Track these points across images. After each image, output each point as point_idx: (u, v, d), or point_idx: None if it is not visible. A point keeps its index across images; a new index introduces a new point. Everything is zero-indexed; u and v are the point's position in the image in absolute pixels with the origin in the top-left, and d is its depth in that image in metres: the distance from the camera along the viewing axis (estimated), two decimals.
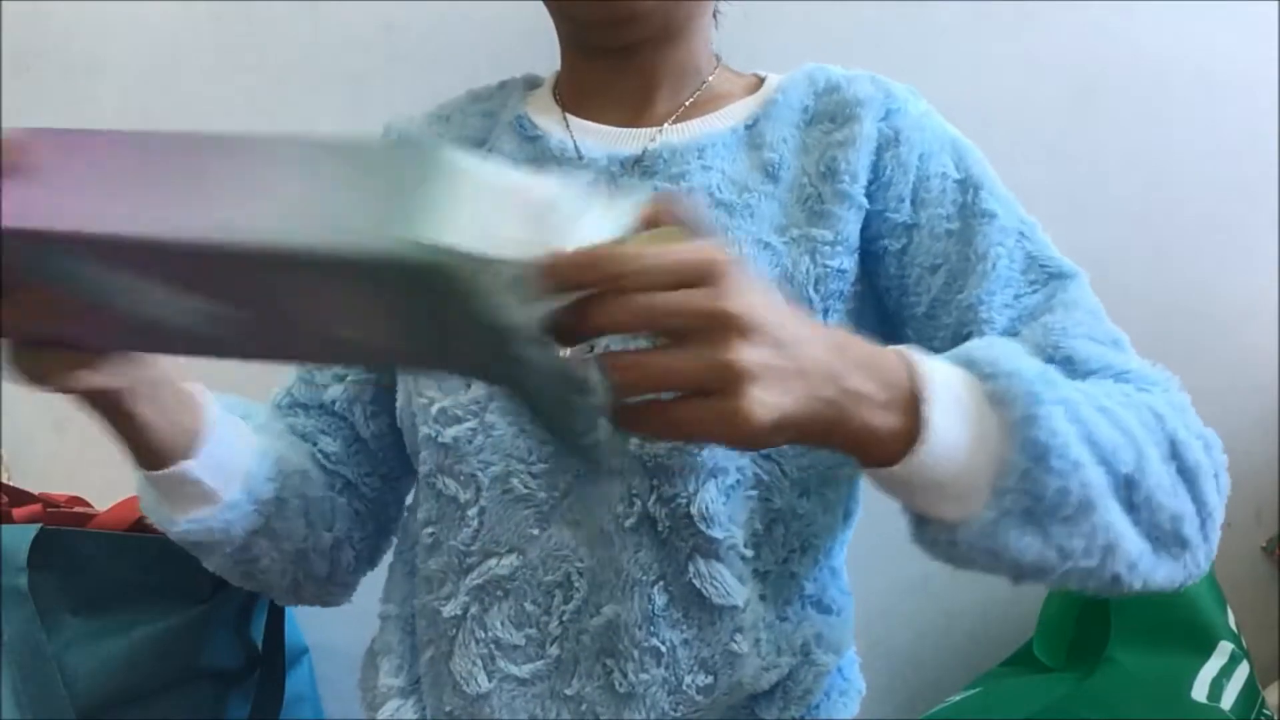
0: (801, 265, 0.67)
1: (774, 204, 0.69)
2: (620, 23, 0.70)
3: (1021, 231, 0.68)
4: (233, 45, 1.15)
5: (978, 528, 0.50)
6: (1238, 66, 1.10)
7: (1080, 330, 0.63)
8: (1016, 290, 0.66)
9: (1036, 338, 0.62)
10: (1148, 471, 0.53)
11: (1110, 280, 1.15)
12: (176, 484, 0.63)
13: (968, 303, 0.66)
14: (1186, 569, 0.56)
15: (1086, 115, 1.11)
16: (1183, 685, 0.88)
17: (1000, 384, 0.50)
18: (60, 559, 0.91)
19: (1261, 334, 1.12)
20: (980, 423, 0.50)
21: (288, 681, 1.02)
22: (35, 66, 1.15)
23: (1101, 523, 0.51)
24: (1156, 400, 0.57)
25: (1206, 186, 1.11)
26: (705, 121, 0.73)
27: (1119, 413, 0.53)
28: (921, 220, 0.69)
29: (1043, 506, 0.50)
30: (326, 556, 0.75)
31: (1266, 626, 1.10)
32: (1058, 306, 0.65)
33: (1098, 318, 0.66)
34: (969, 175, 0.70)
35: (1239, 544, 1.13)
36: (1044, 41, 1.11)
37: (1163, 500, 0.53)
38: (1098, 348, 0.62)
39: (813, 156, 0.70)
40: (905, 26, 1.10)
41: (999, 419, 0.50)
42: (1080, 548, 0.51)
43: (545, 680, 0.65)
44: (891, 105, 0.71)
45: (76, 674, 0.91)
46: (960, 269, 0.67)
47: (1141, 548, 0.53)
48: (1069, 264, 0.68)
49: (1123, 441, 0.52)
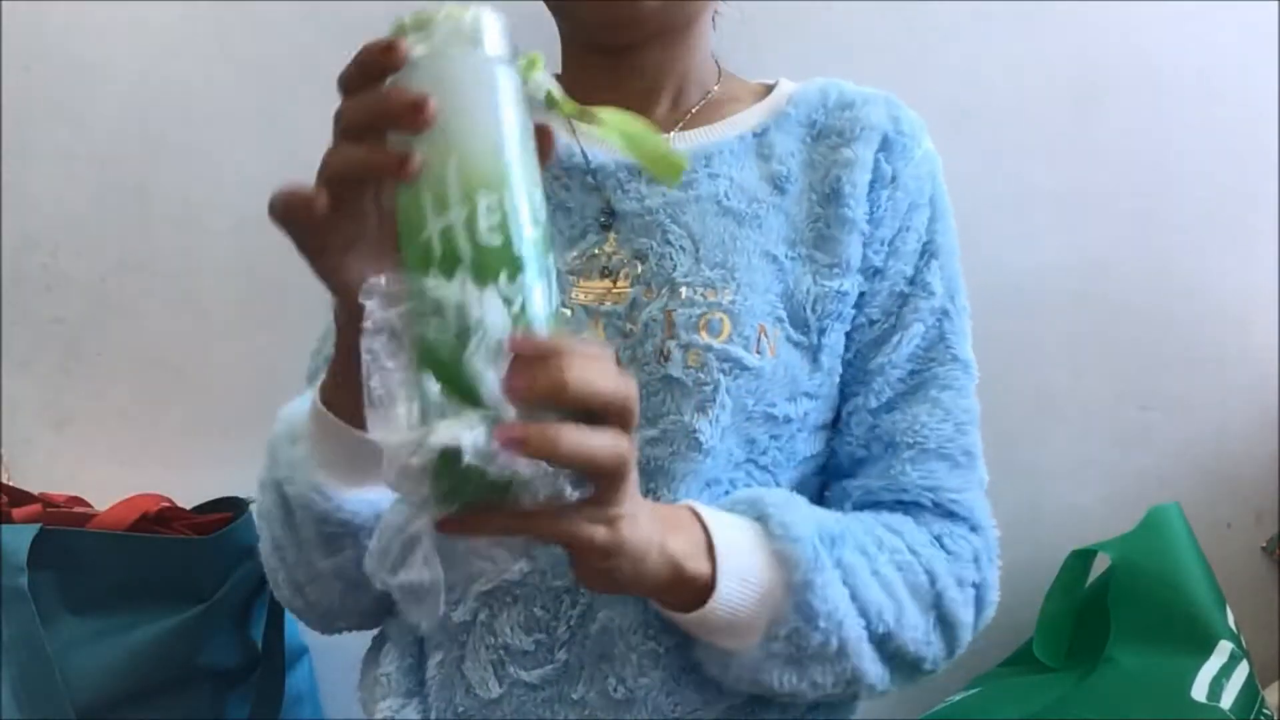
0: (803, 284, 0.68)
1: (781, 217, 0.69)
2: (622, 24, 0.70)
3: (946, 311, 0.70)
4: (233, 45, 1.15)
5: (747, 662, 0.60)
6: (1238, 67, 1.10)
7: (938, 438, 0.68)
8: (914, 365, 0.70)
9: (899, 430, 0.68)
10: (905, 626, 0.62)
11: (1110, 280, 1.16)
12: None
13: (870, 368, 0.70)
14: (920, 676, 0.67)
15: (1086, 115, 1.11)
16: (1183, 685, 0.88)
17: (786, 546, 0.58)
18: (60, 559, 0.91)
19: (1261, 334, 1.12)
20: (762, 575, 0.58)
21: (288, 681, 1.03)
22: (35, 66, 1.15)
23: (852, 665, 0.61)
24: (936, 560, 0.65)
25: (1206, 186, 1.11)
26: (713, 129, 0.73)
27: (890, 575, 0.62)
28: (888, 271, 0.70)
29: (805, 654, 0.60)
30: None
31: (1266, 626, 1.10)
32: (938, 402, 0.68)
33: (963, 430, 0.69)
34: (932, 241, 0.71)
35: (1239, 544, 1.13)
36: (1044, 42, 1.11)
37: (913, 649, 0.63)
38: (941, 465, 0.68)
39: (819, 173, 0.70)
40: (905, 26, 1.10)
41: (781, 577, 0.58)
42: (830, 682, 0.61)
43: (554, 685, 0.66)
44: (896, 140, 0.71)
45: (76, 674, 0.91)
46: (884, 335, 0.70)
47: (882, 675, 0.63)
48: (970, 355, 0.71)
49: (888, 604, 0.61)
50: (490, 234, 0.43)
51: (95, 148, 1.16)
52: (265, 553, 0.68)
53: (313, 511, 0.60)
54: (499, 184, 0.44)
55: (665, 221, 0.69)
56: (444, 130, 0.44)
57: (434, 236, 0.43)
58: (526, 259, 0.44)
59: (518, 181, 0.44)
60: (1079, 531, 1.05)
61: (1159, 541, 0.95)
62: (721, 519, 0.60)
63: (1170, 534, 0.95)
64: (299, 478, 0.60)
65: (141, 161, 1.16)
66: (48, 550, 0.91)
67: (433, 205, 0.43)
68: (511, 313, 0.43)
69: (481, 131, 0.44)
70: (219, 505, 1.04)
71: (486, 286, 0.42)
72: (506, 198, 0.44)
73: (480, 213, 0.43)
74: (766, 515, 0.60)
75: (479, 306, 0.42)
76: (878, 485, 0.68)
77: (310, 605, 0.68)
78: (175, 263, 1.17)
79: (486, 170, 0.44)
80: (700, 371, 0.64)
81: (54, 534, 0.92)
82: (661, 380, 0.65)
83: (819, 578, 0.58)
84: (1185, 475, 1.13)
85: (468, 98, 0.45)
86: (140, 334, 1.18)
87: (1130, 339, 1.13)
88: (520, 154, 0.45)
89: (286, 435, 0.62)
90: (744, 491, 0.64)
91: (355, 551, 0.62)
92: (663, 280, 0.67)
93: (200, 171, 1.16)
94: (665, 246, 0.68)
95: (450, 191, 0.43)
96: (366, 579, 0.59)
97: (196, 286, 1.17)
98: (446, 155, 0.44)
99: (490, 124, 0.45)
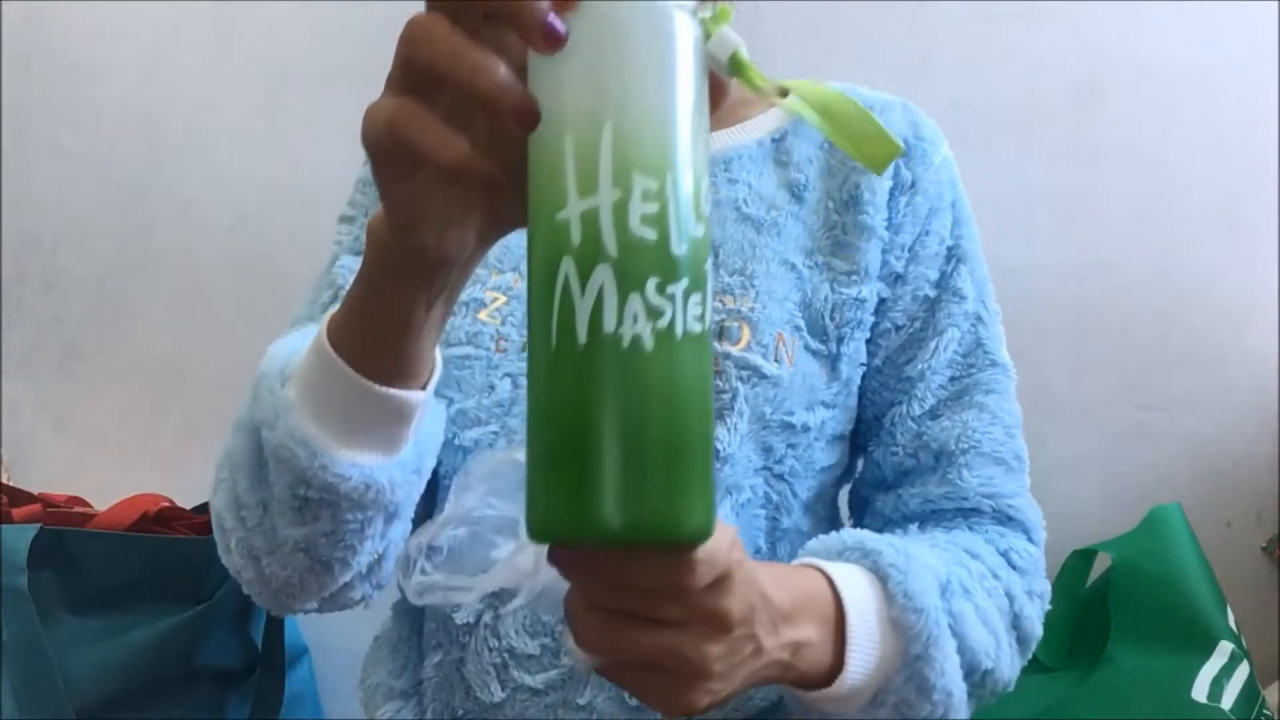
0: (821, 291, 0.67)
1: (799, 225, 0.69)
2: None
3: (980, 316, 0.69)
4: (233, 45, 1.15)
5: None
6: (1238, 66, 1.10)
7: (991, 443, 0.67)
8: (955, 372, 0.69)
9: (951, 438, 0.67)
10: (1001, 661, 0.61)
11: (1111, 280, 1.16)
12: (391, 413, 0.49)
13: (909, 375, 0.68)
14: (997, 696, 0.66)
15: (1087, 116, 1.11)
16: (1183, 685, 0.88)
17: (907, 617, 0.55)
18: (60, 559, 0.91)
19: (1261, 334, 1.12)
20: (882, 644, 0.55)
21: (288, 681, 1.03)
22: (35, 66, 1.15)
23: (948, 717, 0.59)
24: (1012, 580, 0.64)
25: (1206, 186, 1.11)
26: (730, 133, 0.72)
27: (988, 609, 0.61)
28: (909, 276, 0.69)
29: (907, 718, 0.57)
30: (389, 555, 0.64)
31: (1266, 626, 1.10)
32: (984, 407, 0.67)
33: (1011, 433, 0.68)
34: (958, 245, 0.70)
35: (1239, 544, 1.13)
36: (1044, 42, 1.11)
37: (1003, 676, 0.62)
38: (997, 470, 0.67)
39: (836, 180, 0.70)
40: (906, 26, 1.10)
41: (898, 646, 0.56)
42: None
43: (558, 690, 0.65)
44: (916, 146, 0.70)
45: (76, 674, 0.91)
46: (917, 338, 0.69)
47: (967, 707, 0.61)
48: (1007, 358, 0.70)
49: (989, 641, 0.60)
50: (643, 227, 0.35)
51: (95, 148, 1.16)
52: (219, 508, 0.57)
53: (292, 467, 0.50)
54: (662, 166, 0.36)
55: None
56: (600, 83, 0.36)
57: (573, 220, 0.36)
58: (683, 263, 0.36)
59: (684, 164, 0.36)
60: (1079, 531, 1.05)
61: (1159, 541, 0.95)
62: (852, 587, 0.55)
63: (1170, 534, 0.95)
64: (282, 424, 0.50)
65: (141, 161, 1.16)
66: (48, 550, 0.91)
67: (577, 178, 0.35)
68: (657, 327, 0.35)
69: (649, 95, 0.36)
70: None
71: (630, 293, 0.35)
72: (669, 184, 0.36)
73: (634, 200, 0.35)
74: (885, 575, 0.56)
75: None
76: (938, 494, 0.67)
77: (264, 579, 0.57)
78: (175, 262, 1.17)
79: (648, 148, 0.36)
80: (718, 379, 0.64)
81: (54, 534, 0.92)
82: None
83: (938, 652, 0.56)
84: (1185, 475, 1.13)
85: (636, 46, 0.36)
86: (140, 334, 1.18)
87: (1130, 339, 1.13)
88: (692, 130, 0.37)
89: (276, 373, 0.51)
90: (851, 534, 0.60)
91: (332, 525, 0.53)
92: None
93: (200, 171, 1.16)
94: None
95: (600, 168, 0.35)
96: (337, 560, 0.54)
97: (196, 286, 1.17)
98: (600, 118, 0.35)
99: (661, 87, 0.36)
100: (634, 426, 0.35)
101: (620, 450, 0.35)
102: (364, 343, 0.47)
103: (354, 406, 0.49)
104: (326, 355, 0.48)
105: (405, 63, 0.37)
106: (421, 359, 0.48)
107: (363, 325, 0.47)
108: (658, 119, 0.36)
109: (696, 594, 0.42)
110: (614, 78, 0.36)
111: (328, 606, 0.61)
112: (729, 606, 0.44)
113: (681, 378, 0.36)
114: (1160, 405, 1.13)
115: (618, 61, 0.36)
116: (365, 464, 0.50)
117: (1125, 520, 0.98)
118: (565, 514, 0.36)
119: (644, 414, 0.35)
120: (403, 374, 0.48)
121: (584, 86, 0.36)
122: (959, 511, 0.67)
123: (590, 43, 0.35)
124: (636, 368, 0.35)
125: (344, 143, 0.66)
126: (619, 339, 0.35)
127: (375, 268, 0.45)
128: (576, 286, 0.35)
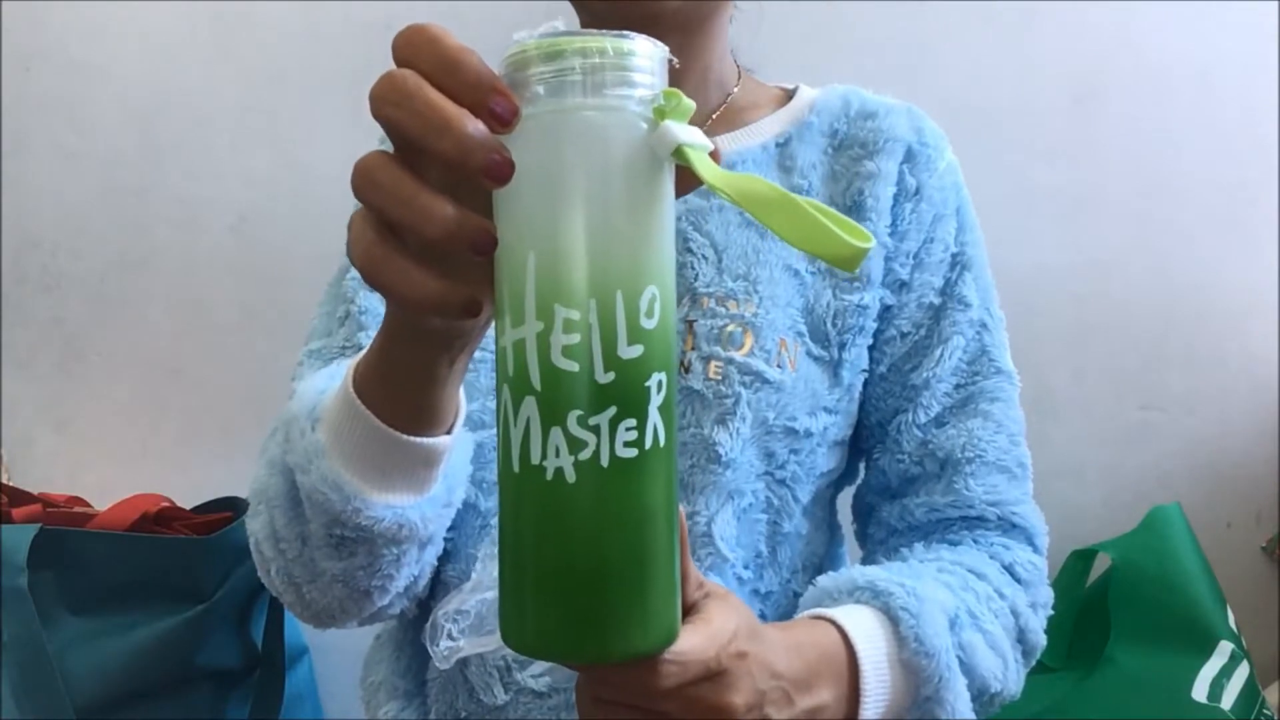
0: (823, 297, 0.67)
1: None
2: (646, 21, 0.68)
3: (985, 323, 0.70)
4: (233, 45, 1.15)
5: None
6: (1238, 66, 1.10)
7: (995, 451, 0.68)
8: (960, 379, 0.69)
9: (957, 446, 0.67)
10: (1008, 680, 0.62)
11: (1110, 280, 1.16)
12: (419, 458, 0.51)
13: (914, 383, 0.68)
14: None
15: (1087, 116, 1.11)
16: (1183, 685, 0.88)
17: (920, 661, 0.57)
18: (60, 559, 0.91)
19: (1261, 334, 1.12)
20: (893, 689, 0.57)
21: (288, 681, 1.03)
22: (35, 66, 1.15)
23: None
24: (1017, 595, 0.65)
25: (1206, 186, 1.11)
26: (735, 137, 0.72)
27: (995, 633, 0.62)
28: (914, 283, 0.69)
29: None
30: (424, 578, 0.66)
31: (1266, 626, 1.11)
32: (989, 415, 0.68)
33: (1015, 441, 0.69)
34: (963, 251, 0.70)
35: (1239, 544, 1.13)
36: (1044, 43, 1.11)
37: (1009, 692, 0.63)
38: (1001, 478, 0.68)
39: (840, 185, 0.70)
40: (906, 27, 1.10)
41: (909, 686, 0.57)
42: None
43: (562, 693, 0.65)
44: (920, 151, 0.70)
45: (76, 674, 0.91)
46: (923, 346, 0.69)
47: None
48: (1011, 365, 0.70)
49: (997, 665, 0.61)
50: (565, 359, 0.34)
51: (95, 148, 1.16)
52: (259, 539, 0.59)
53: (326, 510, 0.52)
54: (585, 295, 0.34)
55: (687, 229, 0.68)
56: (527, 212, 0.35)
57: (508, 349, 0.35)
58: (611, 390, 0.35)
59: (614, 286, 0.34)
60: (1079, 531, 1.05)
61: (1159, 541, 0.95)
62: (866, 639, 0.57)
63: (1170, 534, 0.95)
64: (315, 469, 0.51)
65: (141, 161, 1.16)
66: (48, 550, 0.90)
67: (509, 308, 0.35)
68: (579, 459, 0.34)
69: (574, 221, 0.34)
70: (219, 505, 1.04)
71: (552, 426, 0.34)
72: (593, 312, 0.34)
73: (556, 331, 0.34)
74: (897, 618, 0.58)
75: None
76: (943, 502, 0.67)
77: (305, 603, 0.61)
78: (175, 262, 1.17)
79: (570, 277, 0.34)
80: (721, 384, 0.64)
81: (54, 534, 0.91)
82: (682, 392, 0.64)
83: (949, 693, 0.57)
84: (1185, 475, 1.13)
85: (564, 165, 0.34)
86: (140, 334, 1.18)
87: (1130, 339, 1.13)
88: (631, 243, 0.35)
89: (306, 414, 0.53)
90: (863, 574, 0.61)
91: (369, 559, 0.55)
92: (683, 289, 0.66)
93: (200, 171, 1.16)
94: (687, 255, 0.67)
95: (525, 299, 0.34)
96: (375, 588, 0.57)
97: (196, 286, 1.17)
98: (525, 249, 0.34)
99: (590, 210, 0.34)
100: (558, 555, 0.36)
101: (549, 577, 0.36)
102: (387, 393, 0.48)
103: (383, 453, 0.50)
104: (353, 404, 0.49)
105: (363, 202, 0.37)
106: (445, 407, 0.49)
107: (386, 377, 0.48)
108: (583, 245, 0.34)
109: (693, 690, 0.44)
110: (540, 204, 0.34)
111: (367, 623, 0.65)
112: (730, 700, 0.45)
113: (609, 505, 0.36)
114: (1160, 405, 1.13)
115: (545, 185, 0.34)
116: (398, 504, 0.52)
117: (1125, 520, 0.98)
118: (513, 631, 0.38)
119: (567, 544, 0.36)
120: (428, 422, 0.49)
121: (513, 215, 0.35)
122: (964, 520, 0.68)
123: (523, 163, 0.34)
124: (559, 498, 0.35)
125: (344, 143, 0.66)
126: (543, 470, 0.35)
127: (393, 331, 0.46)
128: (511, 415, 0.36)
